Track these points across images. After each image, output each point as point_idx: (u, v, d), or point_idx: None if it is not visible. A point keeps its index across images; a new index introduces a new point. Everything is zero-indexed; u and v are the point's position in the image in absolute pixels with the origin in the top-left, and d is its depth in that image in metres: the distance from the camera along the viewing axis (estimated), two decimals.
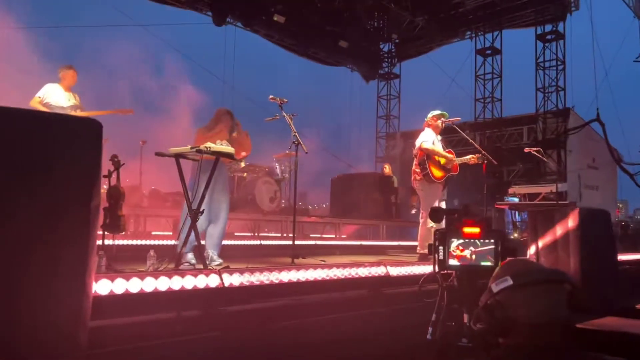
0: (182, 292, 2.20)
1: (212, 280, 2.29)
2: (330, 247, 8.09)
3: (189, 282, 2.21)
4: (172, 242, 4.92)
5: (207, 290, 2.28)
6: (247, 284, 2.44)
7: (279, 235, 8.82)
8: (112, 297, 1.95)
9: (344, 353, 2.71)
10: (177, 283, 2.17)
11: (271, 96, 4.36)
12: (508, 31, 14.79)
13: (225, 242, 6.36)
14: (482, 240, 2.16)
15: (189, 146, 3.94)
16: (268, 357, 2.46)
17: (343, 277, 3.05)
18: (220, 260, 4.13)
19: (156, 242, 5.60)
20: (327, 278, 2.93)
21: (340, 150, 17.75)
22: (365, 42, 15.68)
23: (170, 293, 2.17)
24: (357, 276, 3.12)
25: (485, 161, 5.94)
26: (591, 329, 3.13)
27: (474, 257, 2.17)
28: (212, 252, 4.16)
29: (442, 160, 5.56)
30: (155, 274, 2.12)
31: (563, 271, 1.52)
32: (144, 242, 5.55)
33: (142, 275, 2.05)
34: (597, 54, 14.49)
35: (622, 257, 5.81)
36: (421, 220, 5.48)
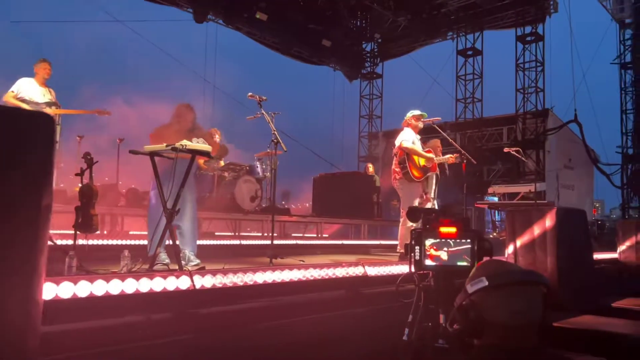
0: (151, 295, 2.12)
1: (183, 282, 2.22)
2: (312, 246, 8.04)
3: (158, 284, 2.13)
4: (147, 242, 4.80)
5: (178, 293, 2.20)
6: (220, 285, 2.36)
7: (260, 234, 8.74)
8: (75, 301, 1.87)
9: (321, 354, 2.66)
10: (145, 285, 2.08)
11: (250, 93, 4.27)
12: (489, 32, 14.95)
13: (205, 242, 6.28)
14: (458, 240, 2.13)
15: (164, 144, 3.83)
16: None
17: (320, 277, 2.99)
18: (198, 261, 4.04)
19: (131, 242, 5.47)
20: (304, 279, 2.88)
21: (323, 149, 17.71)
22: (348, 41, 15.66)
23: (138, 296, 2.08)
24: (334, 276, 3.07)
25: (465, 160, 5.95)
26: (568, 328, 3.13)
27: (449, 257, 2.13)
28: (188, 252, 4.07)
29: (422, 161, 5.56)
30: (122, 276, 2.03)
31: (538, 272, 1.49)
32: (119, 242, 5.41)
33: (107, 278, 1.97)
34: (576, 56, 14.74)
35: (598, 256, 5.87)
36: (401, 220, 5.46)
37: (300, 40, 14.26)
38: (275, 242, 7.42)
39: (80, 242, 4.49)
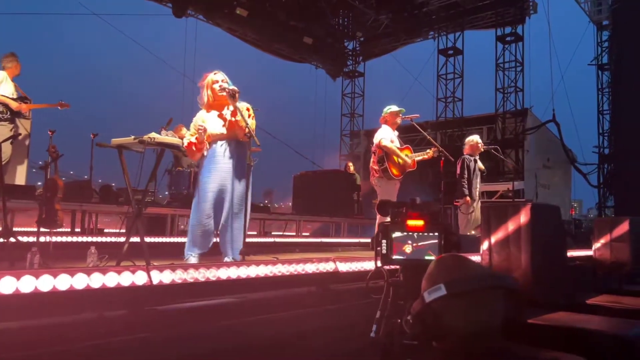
0: (104, 291, 2.01)
1: (139, 278, 2.11)
2: (291, 244, 7.97)
3: (111, 279, 2.02)
4: (121, 239, 4.66)
5: (133, 289, 2.10)
6: (180, 281, 2.26)
7: None
8: (18, 297, 1.75)
9: (286, 353, 2.57)
10: (97, 281, 1.97)
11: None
12: (470, 32, 15.06)
13: (179, 239, 6.14)
14: (426, 234, 2.06)
15: (132, 136, 3.71)
16: (203, 358, 2.29)
17: (289, 273, 2.91)
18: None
19: (100, 239, 5.32)
20: (272, 275, 2.78)
21: (305, 147, 17.63)
22: (329, 39, 15.60)
23: (90, 292, 1.97)
24: (304, 272, 2.99)
25: (443, 157, 5.92)
26: (542, 324, 3.09)
27: (416, 251, 2.06)
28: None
29: (400, 160, 5.52)
30: (72, 271, 1.92)
31: (500, 273, 1.44)
32: (87, 239, 5.26)
33: (55, 272, 1.85)
34: (554, 56, 14.92)
35: (573, 253, 5.90)
36: (377, 217, 5.41)
37: (282, 37, 14.13)
38: (253, 240, 7.36)
39: (45, 238, 4.33)
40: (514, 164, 12.52)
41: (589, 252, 5.98)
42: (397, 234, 2.11)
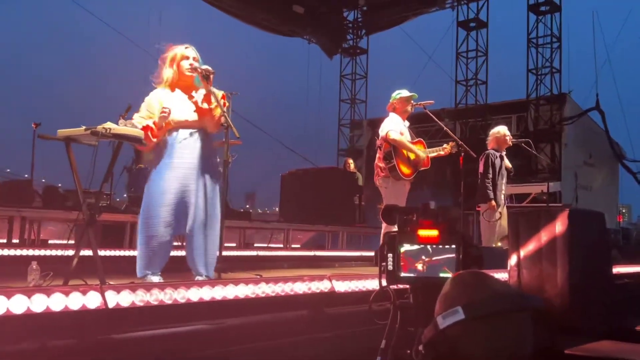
0: (48, 315, 2.01)
1: (92, 300, 2.12)
2: (278, 259, 7.98)
3: (57, 301, 2.02)
4: (69, 253, 4.66)
5: (84, 313, 2.11)
6: (141, 304, 2.27)
7: None
8: None
9: None
10: (39, 303, 1.98)
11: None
12: (496, 0, 15.10)
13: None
14: (440, 246, 2.08)
15: (83, 127, 3.70)
16: None
17: (275, 294, 2.92)
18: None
19: (44, 253, 5.32)
20: (254, 296, 2.80)
21: (295, 140, 17.68)
22: (325, 8, 15.63)
23: (31, 317, 1.98)
24: (293, 293, 3.00)
25: (463, 153, 5.96)
26: (583, 356, 3.13)
27: (429, 267, 2.08)
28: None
29: (412, 155, 5.54)
30: (8, 292, 1.92)
31: (528, 294, 1.46)
32: (28, 252, 5.26)
33: None
34: (598, 31, 15.00)
35: (621, 269, 5.95)
36: (383, 225, 5.44)
37: (267, 6, 14.15)
38: (231, 253, 7.37)
39: None
40: (549, 161, 12.61)
41: (639, 269, 6.05)
42: (406, 247, 2.13)
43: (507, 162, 6.86)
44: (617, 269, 5.72)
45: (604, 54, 16.14)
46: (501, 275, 4.12)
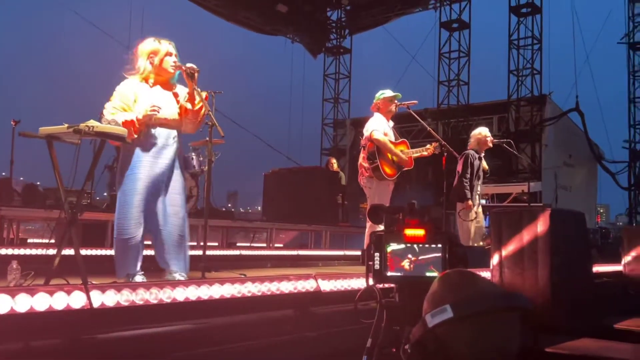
0: (32, 316, 1.99)
1: (76, 300, 2.10)
2: (261, 258, 7.98)
3: (41, 302, 2.00)
4: (50, 252, 4.60)
5: (69, 313, 2.09)
6: (126, 304, 2.25)
7: (195, 243, 8.58)
8: None
9: None
10: (23, 303, 1.96)
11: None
12: (478, 1, 15.23)
13: None
14: (427, 246, 2.10)
15: (65, 125, 3.66)
16: None
17: (261, 293, 2.92)
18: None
19: (23, 252, 5.25)
20: (240, 296, 2.79)
21: (278, 139, 17.64)
22: (308, 7, 15.61)
23: (14, 317, 1.96)
24: (279, 292, 3.00)
25: (445, 153, 6.00)
26: (563, 354, 3.18)
27: (416, 266, 2.10)
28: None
29: (395, 158, 5.57)
30: None
31: (516, 293, 1.48)
32: (7, 251, 5.20)
33: None
34: (578, 33, 15.21)
35: (600, 268, 6.05)
36: (367, 225, 5.45)
37: (250, 4, 14.10)
38: (214, 252, 7.34)
39: None
40: (530, 162, 12.75)
41: (618, 267, 6.14)
42: (392, 246, 2.14)
43: (484, 164, 6.92)
44: (596, 268, 5.81)
45: (584, 56, 16.39)
46: (484, 275, 4.16)
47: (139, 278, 3.86)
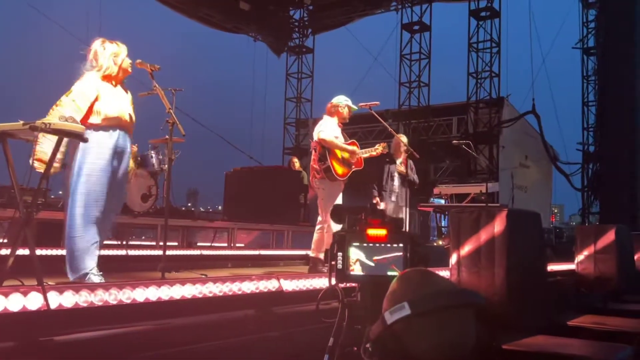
0: None
1: (32, 301, 2.05)
2: (222, 258, 7.90)
3: None
4: (3, 252, 4.47)
5: (25, 315, 2.04)
6: (85, 305, 2.22)
7: (154, 243, 8.46)
8: None
9: None
10: None
11: (139, 60, 4.07)
12: (439, 4, 15.48)
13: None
14: (389, 245, 2.14)
15: (21, 121, 3.57)
16: None
17: (223, 294, 2.91)
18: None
19: None
20: (201, 296, 2.78)
21: (240, 138, 17.52)
22: (272, 5, 15.58)
23: None
24: (241, 292, 3.00)
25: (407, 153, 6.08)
26: (519, 350, 3.26)
27: (378, 265, 2.13)
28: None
29: (346, 155, 5.57)
30: None
31: (470, 290, 1.52)
32: None
33: None
34: (535, 37, 15.62)
35: (553, 267, 6.23)
36: (319, 226, 5.52)
37: (211, 1, 13.97)
38: (174, 252, 7.26)
39: None
40: (488, 162, 13.03)
41: (571, 266, 6.33)
42: (355, 246, 2.16)
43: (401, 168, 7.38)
44: (551, 267, 5.99)
45: (540, 60, 16.84)
46: (443, 274, 4.24)
47: (94, 278, 3.81)
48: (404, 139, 7.21)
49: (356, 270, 2.19)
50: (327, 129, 5.56)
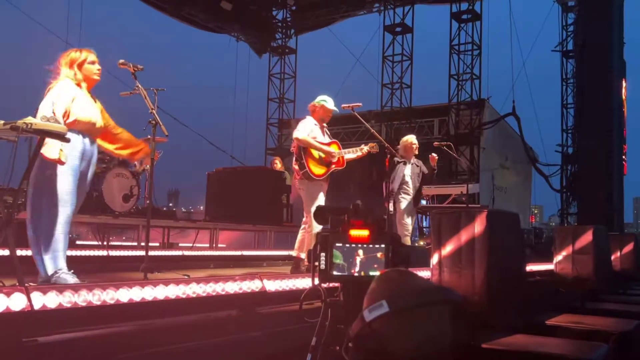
0: None
1: (16, 302, 2.05)
2: (204, 258, 7.87)
3: None
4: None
5: (8, 316, 2.04)
6: (69, 305, 2.22)
7: (136, 244, 8.42)
8: None
9: None
10: None
11: (121, 61, 4.08)
12: (421, 6, 15.60)
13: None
14: (371, 246, 2.17)
15: (1, 121, 3.54)
16: None
17: (206, 294, 2.92)
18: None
19: None
20: (184, 296, 2.79)
21: (222, 138, 17.47)
22: (254, 5, 15.57)
23: None
24: (224, 293, 3.01)
25: (389, 155, 6.13)
26: (498, 349, 3.32)
27: (360, 265, 2.17)
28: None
29: (322, 154, 5.54)
30: None
31: (447, 288, 1.56)
32: None
33: None
34: (515, 40, 15.83)
35: (533, 267, 6.33)
36: (303, 226, 5.53)
37: (194, 0, 13.92)
38: (156, 253, 7.22)
39: None
40: (469, 164, 13.16)
41: (550, 266, 6.43)
42: (338, 246, 2.20)
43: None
44: (530, 267, 6.08)
45: (521, 63, 17.06)
46: (424, 274, 4.29)
47: (69, 278, 3.80)
48: (412, 138, 7.28)
49: (339, 270, 2.23)
50: (303, 129, 5.55)
